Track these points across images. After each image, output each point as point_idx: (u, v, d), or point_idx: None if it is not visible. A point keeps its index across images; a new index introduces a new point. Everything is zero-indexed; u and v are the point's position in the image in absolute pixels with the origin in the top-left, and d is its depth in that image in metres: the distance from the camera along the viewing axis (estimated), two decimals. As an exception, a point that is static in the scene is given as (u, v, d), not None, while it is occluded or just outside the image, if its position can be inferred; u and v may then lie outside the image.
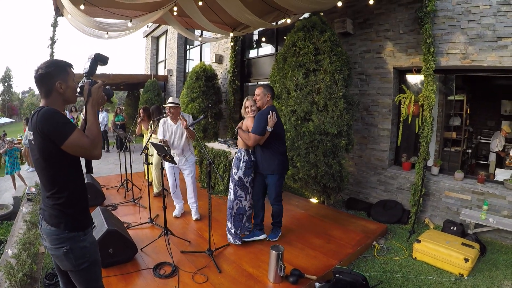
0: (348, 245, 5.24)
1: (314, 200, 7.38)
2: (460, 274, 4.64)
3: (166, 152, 5.02)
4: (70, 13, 6.99)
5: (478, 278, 4.60)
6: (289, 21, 7.69)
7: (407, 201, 6.81)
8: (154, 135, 7.14)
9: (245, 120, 4.98)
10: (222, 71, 13.45)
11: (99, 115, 15.07)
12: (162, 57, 21.23)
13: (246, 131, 4.88)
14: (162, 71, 20.65)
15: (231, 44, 11.86)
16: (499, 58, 5.68)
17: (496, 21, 5.66)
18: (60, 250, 2.42)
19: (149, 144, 5.81)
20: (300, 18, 7.47)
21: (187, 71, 16.95)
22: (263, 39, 12.26)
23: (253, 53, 12.88)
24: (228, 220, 5.11)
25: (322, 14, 7.06)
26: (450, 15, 6.17)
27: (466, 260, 4.59)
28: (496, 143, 8.48)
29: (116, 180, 8.66)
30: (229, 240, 5.15)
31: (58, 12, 7.70)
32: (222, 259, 4.67)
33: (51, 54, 7.97)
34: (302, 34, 6.60)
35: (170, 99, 5.92)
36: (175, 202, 6.42)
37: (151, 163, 6.38)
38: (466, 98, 8.52)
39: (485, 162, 9.57)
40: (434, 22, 6.27)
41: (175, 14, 7.73)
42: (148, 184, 6.85)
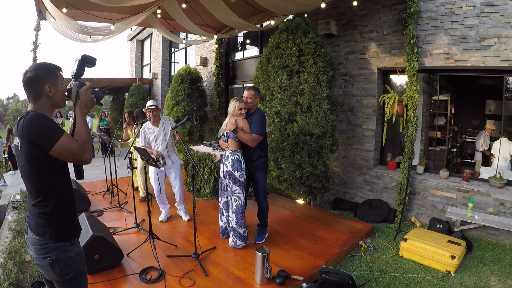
0: (334, 245, 5.23)
1: (300, 201, 7.38)
2: (447, 271, 4.66)
3: (149, 156, 4.98)
4: (54, 16, 6.91)
5: (465, 275, 4.63)
6: (273, 23, 7.67)
7: (393, 200, 6.85)
8: (138, 139, 7.09)
9: (236, 122, 4.84)
10: (207, 74, 13.40)
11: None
12: (147, 60, 21.09)
13: (247, 133, 4.88)
14: (147, 75, 20.52)
15: (216, 46, 11.84)
16: (482, 58, 5.75)
17: (479, 22, 5.73)
18: (45, 260, 2.32)
19: (132, 148, 5.75)
20: (284, 20, 7.47)
21: (172, 74, 16.86)
22: (248, 41, 12.24)
23: (238, 55, 12.84)
24: (240, 226, 5.00)
25: (306, 15, 7.08)
26: (433, 16, 6.23)
27: (453, 257, 4.62)
28: (480, 143, 8.55)
29: (101, 185, 8.55)
30: (239, 246, 5.06)
31: (41, 15, 7.59)
32: (208, 262, 4.63)
33: (34, 59, 7.86)
34: (286, 36, 6.60)
35: (150, 102, 5.91)
36: (161, 207, 6.34)
37: (136, 168, 6.31)
38: (451, 98, 8.61)
39: (470, 161, 9.65)
40: (417, 23, 6.32)
41: (159, 16, 7.66)
42: (133, 189, 6.78)
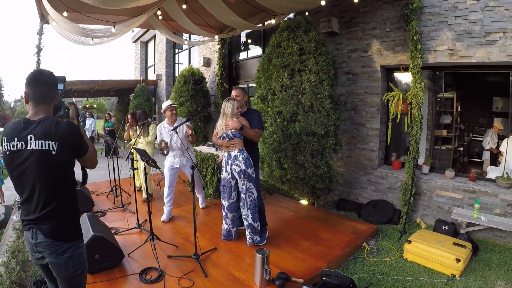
0: (337, 247, 5.15)
1: (304, 201, 7.31)
2: (452, 274, 4.56)
3: (148, 157, 4.97)
4: (55, 20, 6.92)
5: (471, 279, 4.52)
6: (273, 22, 7.62)
7: (398, 200, 6.74)
8: (140, 140, 7.09)
9: (239, 120, 4.87)
10: (210, 74, 13.39)
11: (86, 122, 14.99)
12: (151, 61, 21.19)
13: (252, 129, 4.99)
14: (151, 76, 20.65)
15: (219, 47, 11.81)
16: (488, 54, 5.62)
17: (483, 16, 5.60)
18: (61, 258, 2.42)
19: (133, 149, 5.75)
20: (285, 19, 7.40)
21: (177, 75, 16.87)
22: (250, 41, 12.21)
23: (241, 55, 12.83)
24: (255, 220, 4.99)
25: (308, 13, 7.00)
26: (437, 11, 6.12)
27: (458, 260, 4.52)
28: (487, 141, 8.44)
29: (105, 186, 8.57)
30: (256, 241, 5.09)
31: (44, 19, 7.61)
32: (208, 263, 4.59)
33: (38, 62, 7.85)
34: (287, 34, 6.54)
35: (169, 102, 6.19)
36: (165, 206, 6.33)
37: (137, 168, 6.29)
38: (457, 96, 8.49)
39: (478, 160, 9.54)
40: (420, 19, 6.21)
41: (160, 18, 7.64)
42: (135, 189, 6.76)
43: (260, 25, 8.89)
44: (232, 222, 5.21)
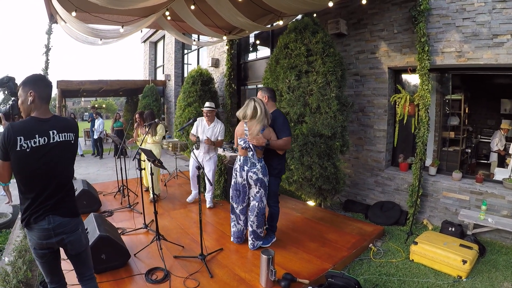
0: (343, 248, 5.15)
1: (311, 202, 7.30)
2: (458, 276, 4.55)
3: (154, 157, 5.00)
4: (64, 19, 6.96)
5: (477, 280, 4.50)
6: (281, 23, 7.63)
7: (405, 202, 6.73)
8: (148, 139, 7.13)
9: (263, 135, 4.71)
10: (218, 75, 13.42)
11: (95, 122, 15.04)
12: (160, 62, 21.25)
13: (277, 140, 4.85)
14: (160, 76, 20.69)
15: (227, 47, 11.86)
16: (495, 56, 5.61)
17: (491, 18, 5.59)
18: (77, 233, 2.82)
19: (140, 149, 5.79)
20: (293, 20, 7.42)
21: (185, 76, 16.91)
22: (258, 42, 12.21)
23: (249, 56, 12.83)
24: (259, 227, 4.98)
25: (316, 15, 7.02)
26: (444, 13, 6.11)
27: (464, 261, 4.50)
28: (495, 142, 8.40)
29: (113, 186, 8.61)
30: (257, 246, 5.06)
31: (53, 19, 7.66)
32: (214, 264, 4.60)
33: (46, 62, 7.91)
34: (294, 36, 6.57)
35: (207, 104, 6.78)
36: (192, 189, 7.41)
37: (144, 168, 6.33)
38: (464, 97, 8.46)
39: (486, 162, 9.48)
40: (428, 21, 6.21)
41: (169, 18, 7.67)
42: (142, 189, 6.80)
43: (268, 26, 8.90)
44: (245, 224, 5.14)
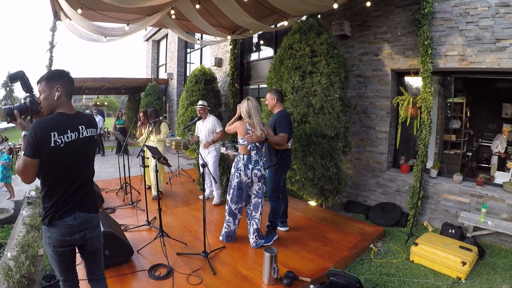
0: (344, 247, 5.20)
1: (312, 202, 7.34)
2: (457, 277, 4.59)
3: (160, 154, 5.04)
4: (69, 16, 7.00)
5: (476, 282, 4.54)
6: (286, 23, 7.67)
7: (406, 203, 6.78)
8: (151, 137, 7.17)
9: (260, 134, 4.84)
10: (221, 74, 13.46)
11: (95, 119, 15.06)
12: (162, 60, 21.29)
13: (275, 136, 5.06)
14: (163, 75, 20.71)
15: (231, 47, 11.88)
16: (498, 60, 5.65)
17: (494, 22, 5.63)
18: (98, 229, 2.88)
19: (145, 146, 5.82)
20: (297, 21, 7.45)
21: (188, 75, 16.94)
22: (262, 42, 12.26)
23: (252, 56, 12.89)
24: (260, 224, 5.14)
25: (320, 16, 7.07)
26: (448, 17, 6.15)
27: (464, 263, 4.55)
28: (496, 144, 8.43)
29: (115, 183, 8.65)
30: (260, 244, 5.15)
31: (57, 16, 7.70)
32: (217, 261, 4.64)
33: (50, 58, 7.94)
34: (299, 37, 6.60)
35: (200, 102, 7.12)
36: (207, 187, 7.37)
37: (148, 166, 6.38)
38: (466, 101, 8.48)
39: (486, 165, 9.51)
40: (432, 24, 6.24)
41: (174, 17, 7.71)
42: (145, 187, 6.85)
43: (272, 26, 8.94)
44: (238, 223, 5.25)
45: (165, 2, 6.07)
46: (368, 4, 6.53)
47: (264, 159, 5.01)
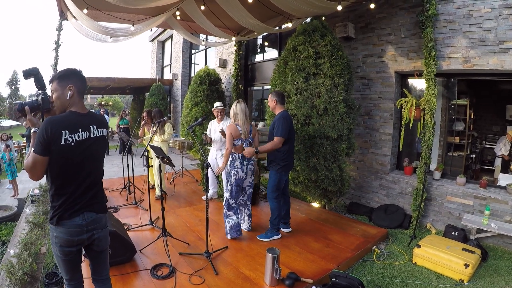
0: (347, 249, 5.20)
1: (315, 204, 7.34)
2: (460, 280, 4.58)
3: (164, 154, 5.07)
4: (75, 16, 7.03)
5: (479, 284, 4.54)
6: (290, 25, 7.67)
7: (409, 205, 6.75)
8: (155, 137, 7.18)
9: (251, 150, 5.18)
10: (226, 75, 13.49)
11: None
12: (167, 61, 21.35)
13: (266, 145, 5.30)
14: (167, 75, 20.76)
15: (235, 48, 11.92)
16: (501, 62, 5.63)
17: (498, 24, 5.62)
18: (105, 230, 2.87)
19: (149, 146, 5.84)
20: (302, 23, 7.47)
21: (192, 75, 16.97)
22: (266, 44, 12.28)
23: (257, 57, 12.91)
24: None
25: (324, 18, 7.08)
26: (451, 19, 6.14)
27: (467, 265, 4.54)
28: (500, 147, 8.40)
29: (119, 182, 8.70)
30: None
31: (63, 16, 7.75)
32: (219, 262, 4.66)
33: (56, 58, 7.99)
34: (303, 38, 6.61)
35: (217, 103, 7.17)
36: (210, 188, 7.50)
37: (151, 166, 6.40)
38: (470, 103, 8.47)
39: (490, 168, 9.48)
40: (435, 26, 6.24)
41: (179, 18, 7.73)
42: (149, 187, 6.87)
43: (277, 28, 8.95)
44: (239, 214, 5.52)
45: (170, 2, 6.09)
46: (372, 6, 6.52)
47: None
